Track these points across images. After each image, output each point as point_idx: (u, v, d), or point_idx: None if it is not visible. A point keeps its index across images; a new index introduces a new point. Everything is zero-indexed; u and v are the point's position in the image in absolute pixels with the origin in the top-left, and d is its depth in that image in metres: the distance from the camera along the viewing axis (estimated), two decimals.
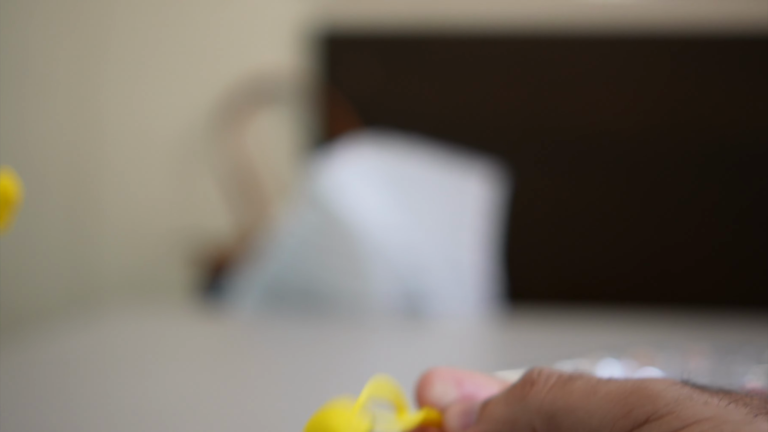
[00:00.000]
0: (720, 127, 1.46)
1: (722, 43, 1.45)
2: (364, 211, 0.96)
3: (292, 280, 1.03)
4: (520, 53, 1.49)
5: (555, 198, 1.48)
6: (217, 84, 1.57)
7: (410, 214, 1.03)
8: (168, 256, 1.59)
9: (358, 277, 0.98)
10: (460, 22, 1.51)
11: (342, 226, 0.96)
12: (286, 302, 1.06)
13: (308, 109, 1.55)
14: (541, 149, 1.49)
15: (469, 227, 1.08)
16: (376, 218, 0.97)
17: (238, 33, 1.57)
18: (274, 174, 1.57)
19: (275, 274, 1.04)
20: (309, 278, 1.02)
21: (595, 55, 1.47)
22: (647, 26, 1.47)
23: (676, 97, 1.46)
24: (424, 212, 1.04)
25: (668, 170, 1.47)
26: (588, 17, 1.50)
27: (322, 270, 1.00)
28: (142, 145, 1.59)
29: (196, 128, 1.58)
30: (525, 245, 1.49)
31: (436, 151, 1.29)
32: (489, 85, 1.49)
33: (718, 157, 1.46)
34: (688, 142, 1.46)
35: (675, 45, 1.46)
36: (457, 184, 1.07)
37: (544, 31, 1.48)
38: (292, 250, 1.01)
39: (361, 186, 0.98)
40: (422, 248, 1.03)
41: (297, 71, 1.55)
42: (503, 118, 1.49)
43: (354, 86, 1.51)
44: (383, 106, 1.51)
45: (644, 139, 1.47)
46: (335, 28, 1.52)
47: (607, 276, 1.48)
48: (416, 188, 1.04)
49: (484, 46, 1.49)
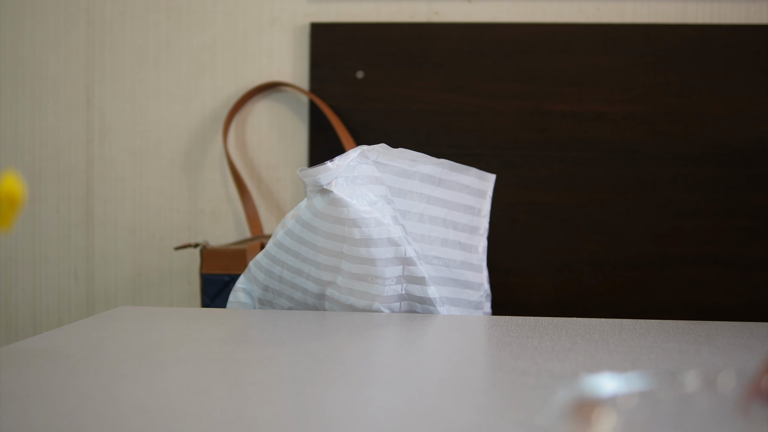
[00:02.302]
0: (721, 128, 1.46)
1: (723, 42, 1.46)
2: (365, 210, 0.96)
3: (293, 278, 1.03)
4: (520, 51, 1.49)
5: (554, 198, 1.48)
6: (219, 85, 1.57)
7: (410, 213, 1.03)
8: (169, 256, 1.59)
9: (360, 276, 0.98)
10: (456, 21, 1.51)
11: (344, 225, 0.96)
12: (287, 301, 1.06)
13: (311, 110, 1.55)
14: (539, 149, 1.49)
15: (468, 227, 1.08)
16: (378, 217, 0.97)
17: (242, 34, 1.57)
18: (274, 174, 1.57)
19: (277, 272, 1.04)
20: (310, 277, 1.02)
21: (595, 54, 1.48)
22: (646, 23, 1.47)
23: (677, 96, 1.46)
24: (424, 212, 1.04)
25: (668, 170, 1.47)
26: (585, 15, 1.50)
27: (323, 268, 1.00)
28: (143, 146, 1.59)
29: (197, 129, 1.58)
30: (525, 245, 1.49)
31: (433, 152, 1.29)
32: (488, 83, 1.50)
33: (718, 158, 1.46)
34: (688, 143, 1.46)
35: (674, 43, 1.46)
36: (457, 183, 1.07)
37: (541, 28, 1.49)
38: (294, 249, 1.01)
39: (362, 185, 0.98)
40: (423, 248, 1.04)
41: (299, 71, 1.55)
42: (499, 119, 1.49)
43: (352, 88, 1.52)
44: (380, 108, 1.51)
45: (644, 140, 1.47)
46: (335, 28, 1.52)
47: (607, 276, 1.48)
48: (416, 188, 1.04)
49: (481, 43, 1.50)
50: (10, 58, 1.60)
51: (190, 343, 0.80)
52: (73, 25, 1.59)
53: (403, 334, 0.89)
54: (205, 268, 1.38)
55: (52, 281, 1.61)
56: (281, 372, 0.69)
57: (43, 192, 1.60)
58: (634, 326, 0.91)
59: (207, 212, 1.58)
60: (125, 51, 1.59)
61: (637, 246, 1.47)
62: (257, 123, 1.57)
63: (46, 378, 0.65)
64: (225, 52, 1.57)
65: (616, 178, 1.47)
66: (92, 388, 0.62)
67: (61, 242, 1.61)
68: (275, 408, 0.58)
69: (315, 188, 0.95)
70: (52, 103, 1.60)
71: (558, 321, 0.94)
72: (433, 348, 0.84)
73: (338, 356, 0.74)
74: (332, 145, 1.51)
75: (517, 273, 1.49)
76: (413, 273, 0.99)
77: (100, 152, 1.60)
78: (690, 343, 0.81)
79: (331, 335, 0.85)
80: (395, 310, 1.01)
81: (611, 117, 1.47)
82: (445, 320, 0.97)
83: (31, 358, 0.72)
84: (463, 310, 1.07)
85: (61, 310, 1.61)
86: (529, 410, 0.58)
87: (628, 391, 0.43)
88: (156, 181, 1.59)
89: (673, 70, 1.46)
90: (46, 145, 1.60)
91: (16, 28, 1.60)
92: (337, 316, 0.96)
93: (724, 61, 1.45)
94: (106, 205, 1.60)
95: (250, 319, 0.96)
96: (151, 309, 1.01)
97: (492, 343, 0.84)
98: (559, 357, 0.74)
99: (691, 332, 0.88)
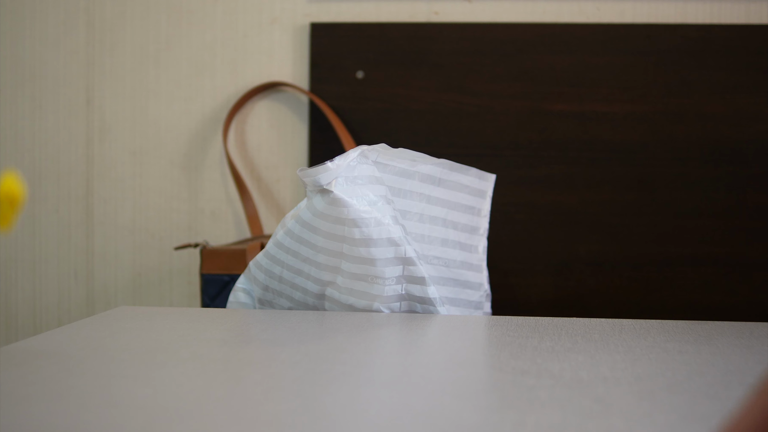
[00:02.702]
0: (721, 128, 1.46)
1: (722, 41, 1.46)
2: (365, 210, 0.96)
3: (293, 278, 1.03)
4: (520, 51, 1.49)
5: (554, 198, 1.49)
6: (219, 85, 1.57)
7: (410, 213, 1.03)
8: (169, 256, 1.59)
9: (360, 276, 0.98)
10: (455, 20, 1.51)
11: (344, 225, 0.96)
12: (287, 301, 1.06)
13: (311, 110, 1.55)
14: (539, 149, 1.49)
15: (468, 227, 1.08)
16: (378, 217, 0.97)
17: (242, 34, 1.57)
18: (274, 174, 1.57)
19: (277, 272, 1.04)
20: (310, 277, 1.02)
21: (593, 53, 1.48)
22: (646, 23, 1.47)
23: (677, 96, 1.47)
24: (424, 212, 1.04)
25: (668, 170, 1.47)
26: (585, 15, 1.50)
27: (323, 268, 1.00)
28: (143, 146, 1.59)
29: (197, 129, 1.58)
30: (524, 245, 1.49)
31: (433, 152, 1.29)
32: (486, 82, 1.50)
33: (718, 158, 1.46)
34: (688, 143, 1.46)
35: (674, 42, 1.46)
36: (457, 183, 1.07)
37: (541, 28, 1.49)
38: (294, 249, 1.01)
39: (362, 185, 0.97)
40: (423, 248, 1.04)
41: (299, 71, 1.55)
42: (498, 119, 1.49)
43: (352, 88, 1.52)
44: (380, 108, 1.51)
45: (644, 141, 1.47)
46: (335, 28, 1.52)
47: (607, 276, 1.48)
48: (416, 188, 1.04)
49: (479, 42, 1.50)
50: (10, 58, 1.60)
51: (190, 343, 0.80)
52: (73, 25, 1.59)
53: (403, 334, 0.89)
54: (205, 268, 1.38)
55: (52, 281, 1.61)
56: (281, 372, 0.69)
57: (43, 192, 1.60)
58: (634, 326, 0.91)
59: (207, 212, 1.58)
60: (125, 51, 1.59)
61: (637, 246, 1.47)
62: (257, 123, 1.57)
63: (46, 378, 0.65)
64: (225, 52, 1.57)
65: (616, 178, 1.47)
66: (92, 388, 0.62)
67: (61, 242, 1.61)
68: (275, 408, 0.58)
69: (315, 188, 0.95)
70: (52, 103, 1.60)
71: (558, 321, 0.94)
72: (433, 348, 0.84)
73: (338, 356, 0.74)
74: (332, 145, 1.51)
75: (517, 273, 1.49)
76: (413, 273, 0.99)
77: (100, 152, 1.60)
78: (690, 343, 0.81)
79: (331, 335, 0.85)
80: (395, 310, 1.01)
81: (611, 117, 1.47)
82: (445, 320, 0.97)
83: (31, 358, 0.72)
84: (463, 310, 1.07)
85: (61, 310, 1.61)
86: (529, 410, 0.58)
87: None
88: (156, 181, 1.59)
89: (673, 70, 1.46)
90: (46, 145, 1.60)
91: (16, 28, 1.60)
92: (337, 316, 0.96)
93: (724, 61, 1.45)
94: (106, 205, 1.60)
95: (250, 319, 0.96)
96: (151, 309, 1.01)
97: (492, 343, 0.84)
98: (559, 357, 0.74)
99: (691, 332, 0.88)
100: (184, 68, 1.58)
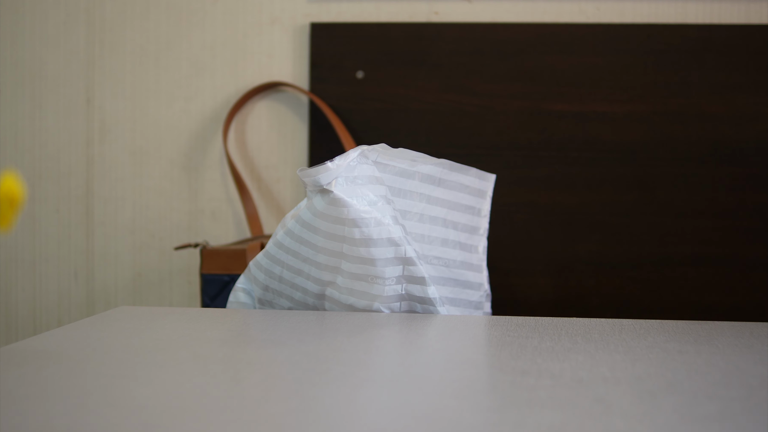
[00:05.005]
0: (721, 128, 1.46)
1: (723, 40, 1.46)
2: (365, 210, 0.96)
3: (293, 278, 1.03)
4: (520, 51, 1.49)
5: (554, 198, 1.49)
6: (219, 85, 1.57)
7: (410, 213, 1.03)
8: (169, 256, 1.59)
9: (360, 276, 0.98)
10: (453, 20, 1.51)
11: (344, 225, 0.96)
12: (287, 301, 1.06)
13: (311, 110, 1.55)
14: (539, 149, 1.49)
15: (468, 227, 1.08)
16: (378, 217, 0.97)
17: (242, 34, 1.57)
18: (274, 174, 1.57)
19: (277, 272, 1.04)
20: (310, 277, 1.02)
21: (593, 52, 1.48)
22: (646, 23, 1.47)
23: (677, 96, 1.47)
24: (424, 212, 1.04)
25: (668, 170, 1.47)
26: (585, 15, 1.50)
27: (323, 268, 1.00)
28: (143, 146, 1.59)
29: (197, 129, 1.58)
30: (524, 245, 1.49)
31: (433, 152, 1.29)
32: (485, 81, 1.50)
33: (718, 158, 1.46)
34: (688, 143, 1.46)
35: (673, 42, 1.46)
36: (457, 183, 1.07)
37: (541, 28, 1.49)
38: (294, 249, 1.01)
39: (362, 185, 0.97)
40: (423, 248, 1.04)
41: (299, 71, 1.55)
42: (499, 119, 1.49)
43: (351, 88, 1.52)
44: (380, 108, 1.51)
45: (644, 141, 1.47)
46: (335, 28, 1.52)
47: (607, 276, 1.48)
48: (416, 188, 1.03)
49: (478, 42, 1.50)
50: (10, 58, 1.60)
51: (190, 343, 0.80)
52: (73, 25, 1.59)
53: (403, 334, 0.89)
54: (205, 268, 1.38)
55: (52, 281, 1.61)
56: (281, 372, 0.69)
57: (43, 192, 1.60)
58: (634, 326, 0.91)
59: (207, 212, 1.58)
60: (125, 51, 1.59)
61: (637, 246, 1.47)
62: (257, 123, 1.57)
63: (46, 378, 0.65)
64: (225, 52, 1.57)
65: (616, 178, 1.47)
66: (92, 388, 0.62)
67: (61, 242, 1.61)
68: (275, 408, 0.58)
69: (315, 188, 0.95)
70: (52, 103, 1.60)
71: (558, 321, 0.94)
72: (433, 348, 0.84)
73: (338, 356, 0.74)
74: (332, 145, 1.51)
75: (517, 273, 1.49)
76: (413, 273, 0.99)
77: (100, 152, 1.60)
78: (690, 343, 0.81)
79: (331, 335, 0.85)
80: (395, 310, 1.01)
81: (611, 117, 1.47)
82: (445, 320, 0.97)
83: (31, 358, 0.72)
84: (463, 310, 1.07)
85: (61, 310, 1.61)
86: (529, 410, 0.58)
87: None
88: (156, 181, 1.59)
89: (673, 70, 1.46)
90: (46, 145, 1.60)
91: (16, 28, 1.60)
92: (337, 316, 0.96)
93: (724, 61, 1.45)
94: (106, 205, 1.60)
95: (250, 319, 0.96)
96: (151, 309, 1.01)
97: (492, 343, 0.84)
98: (559, 357, 0.74)
99: (691, 332, 0.88)
100: (184, 68, 1.58)
